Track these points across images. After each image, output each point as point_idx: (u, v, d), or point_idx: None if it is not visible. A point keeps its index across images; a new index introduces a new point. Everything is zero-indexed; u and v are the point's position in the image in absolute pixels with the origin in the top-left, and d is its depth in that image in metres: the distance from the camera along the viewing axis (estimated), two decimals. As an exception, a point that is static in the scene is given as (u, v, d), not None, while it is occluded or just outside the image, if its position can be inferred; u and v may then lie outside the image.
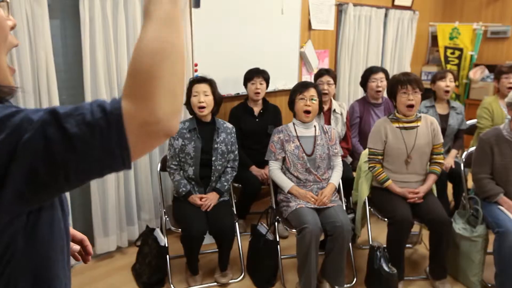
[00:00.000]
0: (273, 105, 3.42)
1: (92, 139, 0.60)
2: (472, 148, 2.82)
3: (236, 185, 3.04)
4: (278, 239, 2.61)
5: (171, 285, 2.54)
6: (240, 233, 2.74)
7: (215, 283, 2.59)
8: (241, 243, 2.72)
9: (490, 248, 2.51)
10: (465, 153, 2.91)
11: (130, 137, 0.62)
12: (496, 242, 2.41)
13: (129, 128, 0.62)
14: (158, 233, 2.59)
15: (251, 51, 3.52)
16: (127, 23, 2.73)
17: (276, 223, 2.62)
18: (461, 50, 5.16)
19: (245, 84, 3.26)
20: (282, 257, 2.64)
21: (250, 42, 3.52)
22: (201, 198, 2.54)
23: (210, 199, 2.55)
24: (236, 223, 2.62)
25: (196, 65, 3.15)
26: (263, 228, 2.62)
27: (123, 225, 2.95)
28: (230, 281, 2.60)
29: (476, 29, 5.10)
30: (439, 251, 2.52)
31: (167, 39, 0.65)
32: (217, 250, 2.62)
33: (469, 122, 3.61)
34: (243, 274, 2.66)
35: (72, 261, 1.07)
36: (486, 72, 4.93)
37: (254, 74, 3.19)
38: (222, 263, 2.59)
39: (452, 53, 5.22)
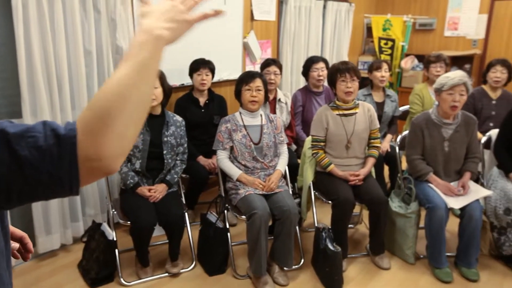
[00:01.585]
0: (219, 95, 3.45)
1: (41, 165, 0.59)
2: (405, 132, 3.04)
3: (184, 175, 3.04)
4: (228, 227, 2.66)
5: (121, 279, 2.51)
6: (189, 223, 2.75)
7: (166, 274, 2.59)
8: (191, 233, 2.74)
9: (422, 223, 2.74)
10: (399, 137, 3.13)
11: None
12: (427, 217, 2.63)
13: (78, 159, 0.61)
14: (105, 227, 2.54)
15: (195, 41, 3.50)
16: (65, 10, 2.61)
17: (225, 211, 2.67)
18: (393, 41, 5.47)
19: (191, 75, 3.25)
20: (232, 244, 2.70)
21: (194, 33, 3.47)
22: (149, 190, 2.52)
23: (158, 191, 2.54)
24: (186, 213, 2.63)
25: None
26: (212, 216, 2.66)
27: (67, 222, 2.85)
28: (182, 271, 2.62)
29: (406, 21, 5.43)
30: (378, 229, 2.71)
31: (137, 85, 0.65)
32: (167, 241, 2.62)
33: (402, 108, 3.87)
34: (194, 263, 2.69)
35: (13, 261, 1.03)
36: (416, 61, 5.28)
37: (200, 65, 3.19)
38: (173, 254, 2.60)
39: (386, 44, 5.52)
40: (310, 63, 3.62)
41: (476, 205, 2.61)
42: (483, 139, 3.09)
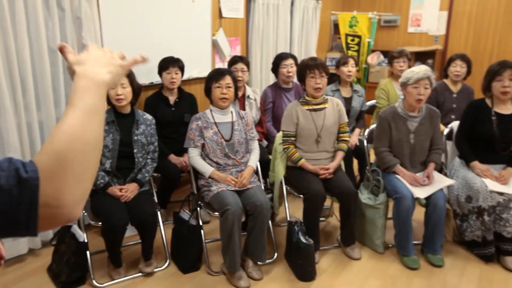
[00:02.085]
0: (189, 93, 3.43)
1: None
2: (373, 126, 3.13)
3: (155, 174, 3.02)
4: (201, 224, 2.66)
5: (93, 281, 2.47)
6: (162, 222, 2.74)
7: (140, 274, 2.58)
8: (164, 231, 2.72)
9: (390, 214, 2.83)
10: (367, 130, 3.22)
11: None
12: (395, 207, 2.73)
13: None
14: (75, 229, 2.49)
15: (163, 39, 3.48)
16: (27, 9, 2.53)
17: (198, 208, 2.67)
18: (359, 37, 5.59)
19: (160, 74, 3.22)
20: (205, 241, 2.71)
21: (162, 31, 3.47)
22: (120, 189, 2.50)
23: (130, 190, 2.52)
24: (158, 212, 2.62)
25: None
26: (185, 214, 2.66)
27: (35, 225, 2.77)
28: (155, 270, 2.60)
29: (372, 18, 5.56)
30: (348, 220, 2.78)
31: (88, 127, 0.67)
32: (140, 241, 2.60)
33: (369, 103, 3.97)
34: (168, 262, 2.68)
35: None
36: (382, 57, 5.42)
37: (169, 63, 3.17)
38: (146, 253, 2.58)
39: (352, 40, 5.64)
40: (279, 59, 3.66)
41: (440, 194, 2.72)
42: (446, 131, 3.21)
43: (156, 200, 2.74)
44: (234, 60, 3.46)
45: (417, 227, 3.06)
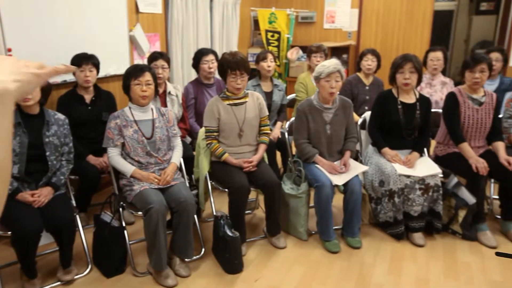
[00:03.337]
0: (106, 91, 3.30)
1: None
2: (293, 119, 3.24)
3: (73, 177, 2.86)
4: (124, 225, 2.58)
5: (6, 296, 2.29)
6: (82, 226, 2.62)
7: (59, 283, 2.43)
8: (85, 236, 2.60)
9: (312, 203, 2.96)
10: (287, 123, 3.32)
11: None
12: (316, 195, 2.86)
13: None
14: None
15: (76, 35, 3.30)
16: None
17: (120, 209, 2.59)
18: (279, 33, 5.75)
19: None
20: (130, 242, 2.63)
21: (75, 26, 3.29)
22: (32, 195, 2.33)
23: (43, 195, 2.36)
24: (77, 216, 2.49)
25: (10, 50, 2.81)
26: (107, 216, 2.56)
27: None
28: (76, 277, 2.47)
29: (290, 14, 5.74)
30: (273, 211, 2.86)
31: None
32: (57, 248, 2.45)
33: (289, 96, 4.11)
34: (90, 267, 2.57)
35: None
36: (301, 52, 5.62)
37: (82, 60, 3.00)
38: (65, 260, 2.44)
39: (272, 36, 5.78)
40: (200, 55, 3.64)
41: (356, 180, 2.90)
42: (359, 120, 3.43)
43: (74, 204, 2.60)
44: (154, 57, 3.38)
45: (337, 213, 3.24)
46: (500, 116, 3.23)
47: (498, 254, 1.19)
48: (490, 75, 3.11)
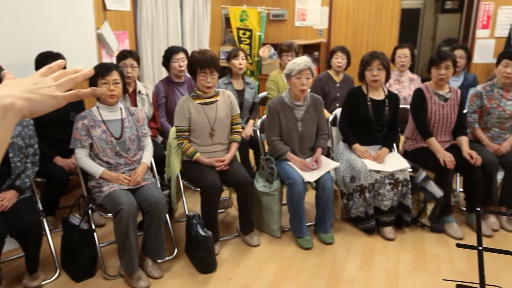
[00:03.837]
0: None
1: None
2: (264, 116, 3.24)
3: (39, 179, 2.78)
4: (94, 227, 2.53)
5: (-31, 305, 2.20)
6: (50, 230, 2.55)
7: (26, 289, 2.36)
8: (52, 240, 2.53)
9: (285, 200, 2.98)
10: (259, 121, 3.33)
11: None
12: (288, 192, 2.87)
13: None
14: None
15: (41, 32, 3.19)
16: None
17: (90, 211, 2.53)
18: (250, 31, 5.74)
19: (38, 70, 2.95)
20: (100, 245, 2.57)
21: (39, 23, 3.18)
22: (-5, 199, 2.25)
23: (7, 198, 2.28)
24: (44, 220, 2.42)
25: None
26: (75, 219, 2.50)
27: None
28: (43, 283, 2.40)
29: (261, 12, 5.75)
30: (246, 209, 2.86)
31: None
32: (22, 254, 2.38)
33: (261, 94, 4.11)
34: (58, 272, 2.49)
35: None
36: (272, 50, 5.64)
37: (47, 59, 2.90)
38: (31, 266, 2.36)
39: (244, 34, 5.77)
40: (170, 53, 3.59)
41: (328, 176, 2.93)
42: (330, 117, 3.47)
43: (41, 207, 2.53)
44: (123, 55, 3.31)
45: (310, 209, 3.27)
46: (465, 111, 3.33)
47: (458, 245, 1.23)
48: (454, 72, 3.20)
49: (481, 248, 1.16)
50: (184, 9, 4.99)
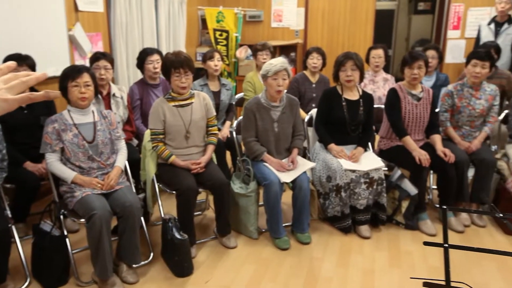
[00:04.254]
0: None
1: None
2: (240, 118, 3.24)
3: (8, 185, 2.70)
4: (66, 234, 2.47)
5: None
6: (20, 237, 2.48)
7: (-6, 300, 2.29)
8: (23, 248, 2.46)
9: (262, 201, 2.97)
10: (235, 122, 3.32)
11: None
12: (265, 193, 2.87)
13: None
14: None
15: (9, 34, 3.11)
16: None
17: (61, 217, 2.47)
18: (227, 32, 5.73)
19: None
20: (73, 251, 2.52)
21: (7, 24, 3.09)
22: (-40, 207, 2.18)
23: (-27, 206, 2.21)
24: (13, 227, 2.36)
25: None
26: (47, 225, 2.44)
27: None
28: (14, 292, 2.34)
29: (237, 13, 5.74)
30: (223, 211, 2.85)
31: None
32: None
33: (238, 95, 4.10)
34: (28, 280, 2.42)
35: None
36: (249, 51, 5.63)
37: (15, 61, 2.82)
38: None
39: (220, 35, 5.75)
40: (144, 55, 3.55)
41: (304, 176, 2.95)
42: (306, 118, 3.49)
43: (9, 214, 2.45)
44: (96, 57, 3.24)
45: (287, 210, 3.27)
46: (437, 110, 3.40)
47: (425, 243, 1.25)
48: (426, 72, 3.26)
49: (446, 245, 1.18)
50: (159, 10, 4.94)
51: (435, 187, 3.37)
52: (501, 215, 1.29)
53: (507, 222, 1.24)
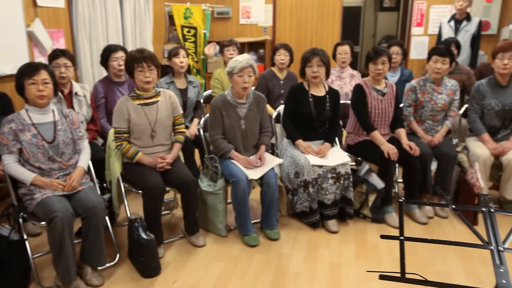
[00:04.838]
0: (1, 93, 3.00)
1: None
2: (208, 115, 3.20)
3: (-37, 189, 2.58)
4: (25, 237, 2.38)
5: None
6: (-23, 243, 2.37)
7: (-49, 308, 2.18)
8: (-20, 253, 2.36)
9: (230, 198, 2.96)
10: (202, 119, 3.28)
11: None
12: (232, 190, 2.86)
13: None
14: None
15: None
16: None
17: (21, 220, 2.38)
18: (195, 28, 5.67)
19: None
20: (34, 256, 2.43)
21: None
22: None
23: None
24: (-31, 232, 2.25)
25: None
26: (5, 229, 2.34)
27: None
28: (-29, 300, 2.24)
29: (205, 10, 5.69)
30: (191, 209, 2.82)
31: None
32: None
33: (206, 93, 4.07)
34: (-13, 287, 2.34)
35: None
36: (218, 48, 5.59)
37: None
38: (-43, 282, 2.20)
39: (188, 32, 5.68)
40: (108, 52, 3.46)
41: (272, 173, 2.95)
42: (274, 114, 3.50)
43: (-36, 219, 2.35)
44: (55, 55, 3.12)
45: (256, 206, 3.27)
46: (401, 105, 3.47)
47: (382, 236, 1.28)
48: (390, 67, 3.33)
49: (402, 238, 1.20)
50: (124, 6, 4.83)
51: (401, 180, 3.45)
52: (453, 206, 1.33)
53: (459, 214, 1.27)
